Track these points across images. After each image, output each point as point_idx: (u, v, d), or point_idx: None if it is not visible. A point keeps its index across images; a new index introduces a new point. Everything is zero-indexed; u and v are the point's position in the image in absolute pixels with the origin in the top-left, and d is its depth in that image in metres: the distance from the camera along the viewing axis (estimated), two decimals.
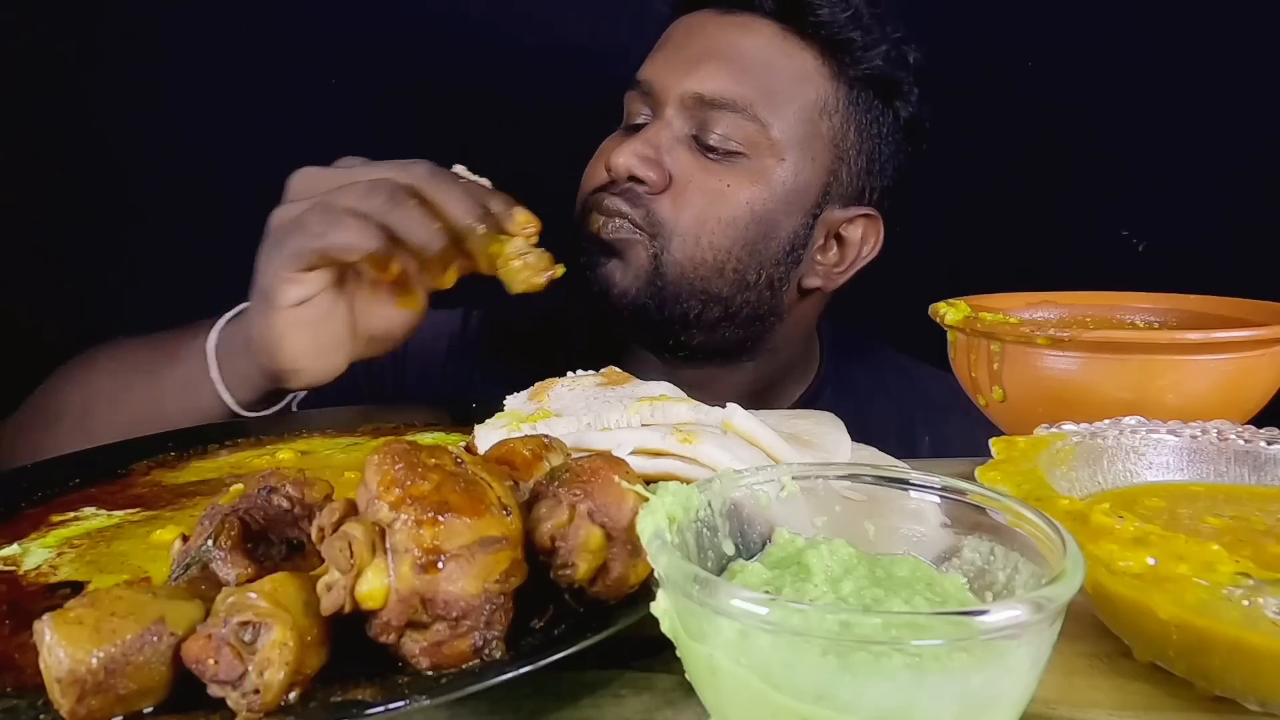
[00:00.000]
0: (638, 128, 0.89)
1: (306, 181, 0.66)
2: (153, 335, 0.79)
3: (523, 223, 0.65)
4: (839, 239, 0.93)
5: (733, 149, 0.85)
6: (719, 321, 0.89)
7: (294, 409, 0.78)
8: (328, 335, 0.67)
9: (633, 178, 0.84)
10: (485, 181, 0.69)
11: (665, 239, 0.85)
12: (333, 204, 0.62)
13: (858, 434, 0.60)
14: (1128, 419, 0.53)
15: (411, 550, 0.33)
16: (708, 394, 0.63)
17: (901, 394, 1.01)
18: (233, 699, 0.31)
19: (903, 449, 0.61)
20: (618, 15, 1.01)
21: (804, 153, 0.87)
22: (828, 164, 0.89)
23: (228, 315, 0.73)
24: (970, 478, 0.41)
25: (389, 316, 0.70)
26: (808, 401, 0.99)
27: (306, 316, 0.65)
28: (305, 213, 0.62)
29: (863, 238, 0.94)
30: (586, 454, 0.44)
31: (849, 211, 0.92)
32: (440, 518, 0.33)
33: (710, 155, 0.85)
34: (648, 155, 0.84)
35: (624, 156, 0.84)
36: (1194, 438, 0.52)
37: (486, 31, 1.23)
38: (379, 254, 0.61)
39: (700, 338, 0.89)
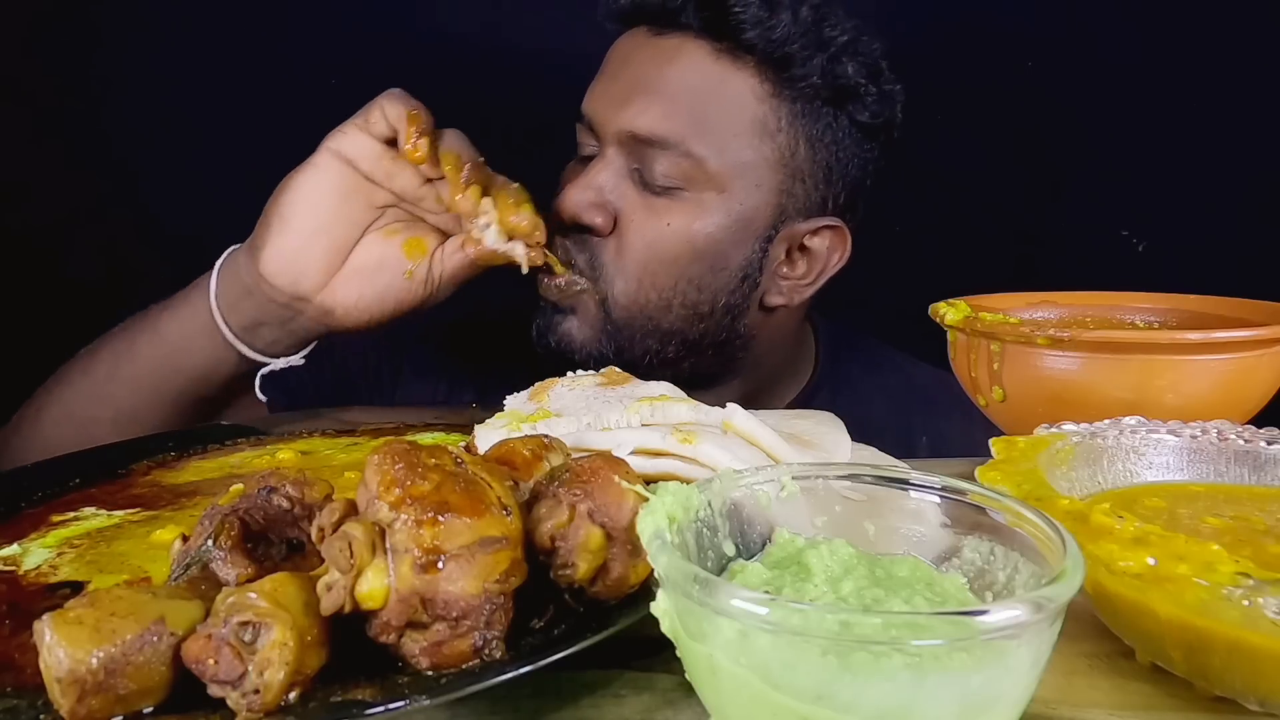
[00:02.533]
0: (587, 159, 0.88)
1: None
2: (127, 322, 0.81)
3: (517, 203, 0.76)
4: (805, 250, 0.90)
5: (672, 185, 0.82)
6: (682, 355, 0.88)
7: (301, 359, 0.81)
8: (334, 211, 0.74)
9: (576, 224, 0.83)
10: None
11: (608, 283, 0.84)
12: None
13: (855, 432, 0.60)
14: (1128, 419, 0.53)
15: (411, 550, 0.33)
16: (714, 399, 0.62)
17: (899, 392, 1.01)
18: (233, 699, 0.31)
19: (900, 447, 0.61)
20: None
21: (747, 180, 0.84)
22: (777, 184, 0.85)
23: (217, 267, 0.77)
24: (970, 478, 0.41)
25: (384, 255, 0.77)
26: (804, 401, 0.99)
27: (327, 171, 0.74)
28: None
29: (830, 248, 0.90)
30: (586, 454, 0.44)
31: (812, 223, 0.88)
32: (440, 518, 0.33)
33: (653, 190, 0.83)
34: (590, 200, 0.83)
35: (568, 203, 0.82)
36: (1194, 438, 0.52)
37: (487, 35, 1.23)
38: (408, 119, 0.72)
39: (669, 372, 0.87)
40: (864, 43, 0.87)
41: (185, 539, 0.41)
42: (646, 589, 0.38)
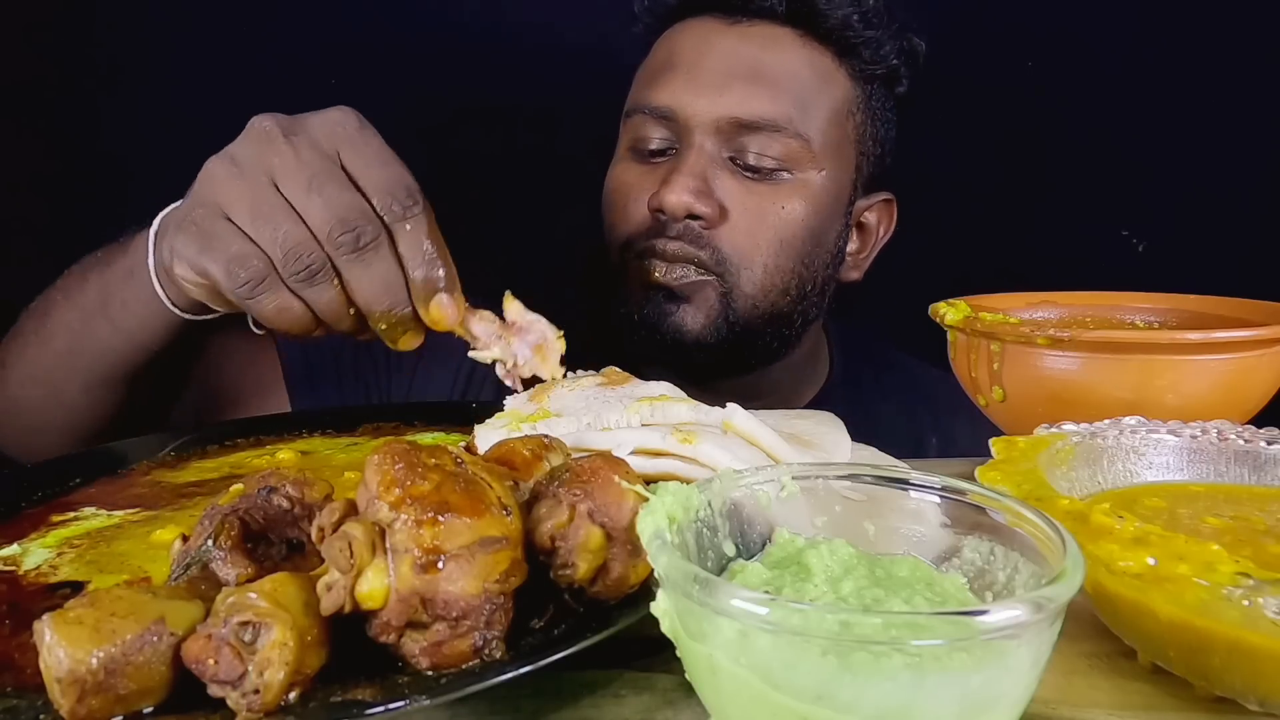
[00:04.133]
0: (653, 154, 0.87)
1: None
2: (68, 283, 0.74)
3: (435, 319, 0.54)
4: (859, 226, 0.95)
5: (771, 166, 0.83)
6: (784, 335, 0.90)
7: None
8: None
9: (690, 215, 0.82)
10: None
11: (734, 275, 0.84)
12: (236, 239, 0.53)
13: (868, 435, 0.60)
14: (1128, 419, 0.53)
15: (411, 550, 0.33)
16: (721, 400, 0.60)
17: (911, 397, 1.01)
18: (233, 699, 0.31)
19: (913, 450, 0.61)
20: (617, 15, 1.01)
21: (837, 157, 0.87)
22: (854, 162, 0.89)
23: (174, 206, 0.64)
24: (970, 478, 0.41)
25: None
26: (820, 402, 0.99)
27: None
28: (218, 219, 0.54)
29: (879, 220, 0.96)
30: (586, 454, 0.44)
31: (870, 199, 0.94)
32: (440, 518, 0.33)
33: (751, 175, 0.84)
34: (700, 189, 0.82)
35: (678, 195, 0.81)
36: (1194, 438, 0.52)
37: (487, 32, 1.23)
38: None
39: (765, 356, 0.90)
40: (912, 30, 0.92)
41: (185, 539, 0.41)
42: (646, 589, 0.38)
